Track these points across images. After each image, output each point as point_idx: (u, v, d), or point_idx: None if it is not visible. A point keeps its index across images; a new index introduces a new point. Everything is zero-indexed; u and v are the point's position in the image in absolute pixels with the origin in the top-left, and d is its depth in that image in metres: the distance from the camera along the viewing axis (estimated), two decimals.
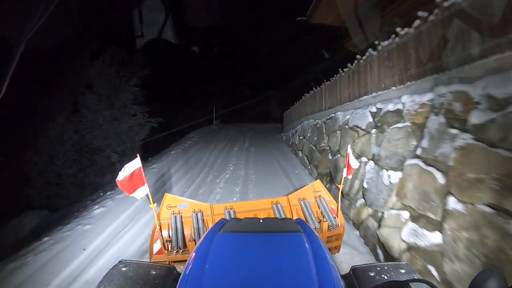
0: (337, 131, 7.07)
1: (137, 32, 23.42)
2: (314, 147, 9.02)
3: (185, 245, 3.64)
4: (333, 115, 7.82)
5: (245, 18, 24.55)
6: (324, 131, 8.34)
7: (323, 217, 4.02)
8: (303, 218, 4.06)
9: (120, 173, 3.21)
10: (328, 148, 7.68)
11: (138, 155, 3.35)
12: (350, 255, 4.48)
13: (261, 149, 13.60)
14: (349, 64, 7.11)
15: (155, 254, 3.58)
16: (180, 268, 3.48)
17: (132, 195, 3.30)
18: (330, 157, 7.36)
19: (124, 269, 2.14)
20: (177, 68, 24.29)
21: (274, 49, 25.10)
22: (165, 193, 4.18)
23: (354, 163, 4.12)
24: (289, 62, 24.91)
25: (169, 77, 23.12)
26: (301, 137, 11.33)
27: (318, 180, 4.61)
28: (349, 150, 4.11)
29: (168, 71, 23.07)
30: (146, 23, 23.66)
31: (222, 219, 2.66)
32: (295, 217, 4.01)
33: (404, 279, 1.86)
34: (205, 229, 3.78)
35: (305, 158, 9.83)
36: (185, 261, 3.44)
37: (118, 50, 13.42)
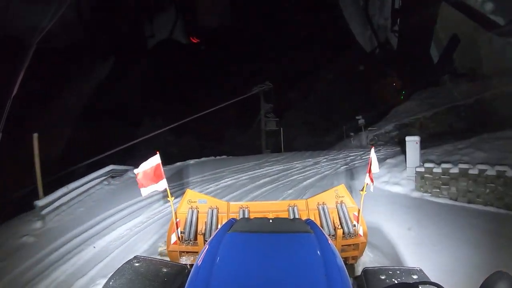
0: None
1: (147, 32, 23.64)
2: None
3: (196, 238, 3.76)
4: None
5: (255, 17, 24.42)
6: None
7: (340, 224, 3.88)
8: (319, 223, 3.92)
9: (140, 168, 3.47)
10: None
11: (157, 152, 3.60)
12: None
13: None
14: None
15: (172, 244, 3.73)
16: (191, 259, 3.54)
17: (149, 188, 3.54)
18: None
19: (136, 264, 2.19)
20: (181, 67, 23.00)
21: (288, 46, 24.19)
22: (187, 189, 4.39)
23: (375, 167, 3.85)
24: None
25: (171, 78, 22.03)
26: None
27: (343, 185, 4.37)
28: (372, 154, 3.86)
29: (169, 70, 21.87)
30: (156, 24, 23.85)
31: (232, 218, 2.68)
32: None
33: (413, 282, 1.82)
34: (218, 226, 3.86)
35: None
36: (194, 252, 3.55)
37: None
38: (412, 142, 7.21)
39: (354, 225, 3.90)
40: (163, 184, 3.62)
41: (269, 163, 11.64)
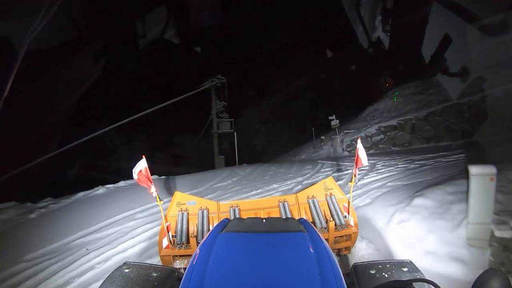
0: None
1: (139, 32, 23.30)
2: None
3: (188, 241, 3.77)
4: None
5: (247, 18, 24.30)
6: None
7: (331, 216, 3.96)
8: (310, 217, 4.05)
9: (134, 173, 3.49)
10: None
11: (143, 156, 3.59)
12: None
13: None
14: None
15: (164, 248, 3.73)
16: (185, 262, 3.55)
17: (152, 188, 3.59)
18: None
19: (126, 270, 2.21)
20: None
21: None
22: (175, 192, 4.38)
23: (364, 159, 3.71)
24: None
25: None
26: None
27: (331, 177, 4.47)
28: (359, 145, 3.82)
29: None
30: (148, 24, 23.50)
31: (225, 218, 2.71)
32: (303, 216, 4.06)
33: (407, 279, 1.85)
34: (209, 226, 3.92)
35: None
36: (188, 256, 3.57)
37: None
38: (483, 178, 3.55)
39: (345, 216, 3.98)
40: (151, 189, 3.67)
41: (212, 194, 7.71)
